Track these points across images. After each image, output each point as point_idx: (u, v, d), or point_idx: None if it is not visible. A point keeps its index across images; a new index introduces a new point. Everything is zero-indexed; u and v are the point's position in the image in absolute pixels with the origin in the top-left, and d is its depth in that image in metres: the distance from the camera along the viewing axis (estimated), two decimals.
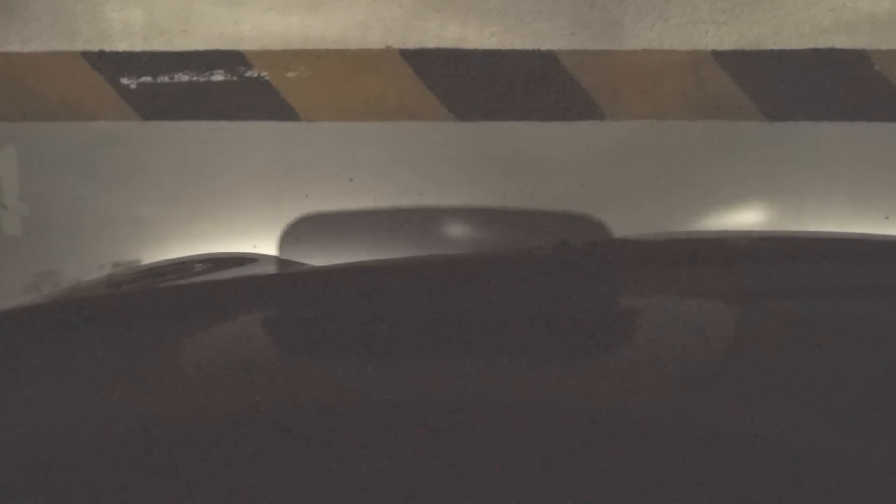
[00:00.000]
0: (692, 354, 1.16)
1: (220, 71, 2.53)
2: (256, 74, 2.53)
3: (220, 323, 1.31)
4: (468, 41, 2.51)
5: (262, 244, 2.54)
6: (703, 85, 2.50)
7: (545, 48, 2.50)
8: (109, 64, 2.55)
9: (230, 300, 1.42)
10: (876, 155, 2.50)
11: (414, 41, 2.52)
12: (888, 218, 2.50)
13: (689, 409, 1.03)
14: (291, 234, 2.52)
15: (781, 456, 0.94)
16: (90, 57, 2.55)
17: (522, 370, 1.11)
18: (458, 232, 2.55)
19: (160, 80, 2.54)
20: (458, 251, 2.52)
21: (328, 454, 0.97)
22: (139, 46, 2.54)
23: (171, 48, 2.54)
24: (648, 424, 1.00)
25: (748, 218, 2.52)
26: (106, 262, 2.56)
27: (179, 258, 2.09)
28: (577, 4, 2.49)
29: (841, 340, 1.17)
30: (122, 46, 2.54)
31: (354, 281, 1.48)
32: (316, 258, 2.46)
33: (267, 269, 1.98)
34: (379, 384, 1.09)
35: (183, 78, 2.54)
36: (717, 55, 2.49)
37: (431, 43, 2.51)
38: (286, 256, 2.48)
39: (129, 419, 1.05)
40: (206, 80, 2.54)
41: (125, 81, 2.55)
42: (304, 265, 2.00)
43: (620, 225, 2.45)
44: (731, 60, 2.49)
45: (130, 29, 2.53)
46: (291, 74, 2.53)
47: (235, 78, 2.54)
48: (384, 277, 1.50)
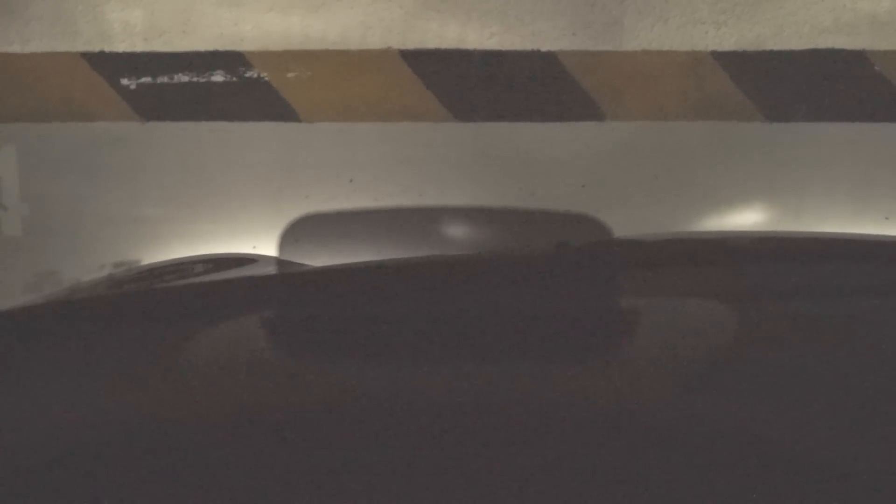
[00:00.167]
0: (692, 354, 1.16)
1: (220, 71, 2.53)
2: (256, 75, 2.54)
3: (220, 323, 1.31)
4: (468, 41, 2.51)
5: (262, 244, 2.54)
6: (703, 85, 2.50)
7: (545, 49, 2.50)
8: (109, 64, 2.55)
9: (230, 300, 1.42)
10: (876, 155, 2.49)
11: (414, 41, 2.52)
12: (888, 218, 2.50)
13: (689, 409, 1.03)
14: (291, 234, 2.52)
15: (781, 456, 0.94)
16: (90, 57, 2.55)
17: (522, 370, 1.11)
18: (458, 232, 2.55)
19: (160, 80, 2.54)
20: (458, 251, 2.52)
21: (328, 454, 0.97)
22: (139, 47, 2.54)
23: (171, 49, 2.54)
24: (648, 424, 1.00)
25: (748, 218, 2.52)
26: (106, 262, 2.56)
27: (179, 258, 2.09)
28: (577, 5, 2.50)
29: (841, 340, 1.17)
30: (122, 47, 2.54)
31: (354, 281, 1.48)
32: (316, 258, 2.46)
33: (267, 269, 1.98)
34: (379, 384, 1.09)
35: (183, 78, 2.54)
36: (717, 56, 2.49)
37: (431, 43, 2.51)
38: (286, 257, 2.48)
39: (128, 419, 1.05)
40: (206, 80, 2.54)
41: (125, 82, 2.55)
42: (304, 265, 2.00)
43: (620, 225, 2.44)
44: (731, 61, 2.49)
45: (131, 29, 2.53)
46: (291, 75, 2.53)
47: (236, 78, 2.54)
48: (384, 277, 1.50)
